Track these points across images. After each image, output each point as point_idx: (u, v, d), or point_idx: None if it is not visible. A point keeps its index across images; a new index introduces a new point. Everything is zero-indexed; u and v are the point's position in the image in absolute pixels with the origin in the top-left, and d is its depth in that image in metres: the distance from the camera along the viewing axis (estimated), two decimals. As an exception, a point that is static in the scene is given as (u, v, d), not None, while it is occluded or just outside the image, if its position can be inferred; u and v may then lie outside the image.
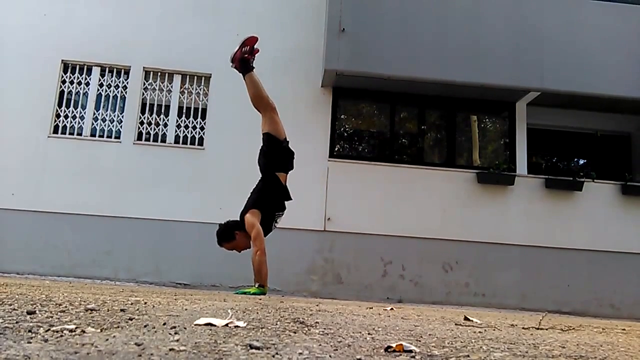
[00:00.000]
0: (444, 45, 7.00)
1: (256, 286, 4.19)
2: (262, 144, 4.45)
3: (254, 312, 2.07)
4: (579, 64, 7.09)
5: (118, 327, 1.31)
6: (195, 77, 7.38)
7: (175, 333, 1.25)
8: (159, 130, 7.22)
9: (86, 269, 6.62)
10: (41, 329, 1.18)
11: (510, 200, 7.18)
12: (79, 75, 7.26)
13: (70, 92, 7.23)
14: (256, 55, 4.49)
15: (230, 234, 4.38)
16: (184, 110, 7.29)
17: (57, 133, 7.06)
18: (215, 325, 1.44)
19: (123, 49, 7.25)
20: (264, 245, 4.21)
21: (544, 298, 6.86)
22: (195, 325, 1.44)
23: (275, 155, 4.38)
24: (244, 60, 4.41)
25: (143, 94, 7.28)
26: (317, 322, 1.79)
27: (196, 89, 7.36)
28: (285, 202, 4.46)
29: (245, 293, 4.08)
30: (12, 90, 7.02)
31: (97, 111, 7.21)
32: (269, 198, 4.33)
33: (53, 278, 6.07)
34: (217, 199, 6.82)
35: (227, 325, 1.46)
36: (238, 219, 4.38)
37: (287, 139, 4.47)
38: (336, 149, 7.42)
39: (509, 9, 7.24)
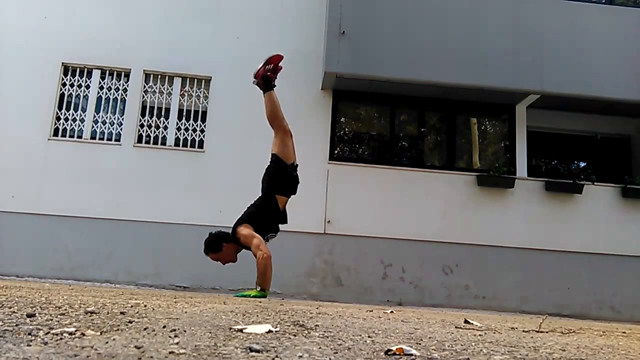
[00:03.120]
0: (444, 48, 7.02)
1: (257, 289, 4.18)
2: (269, 163, 4.45)
3: (254, 314, 2.07)
4: (578, 66, 7.10)
5: (118, 330, 1.31)
6: (196, 79, 7.39)
7: (175, 336, 1.25)
8: (159, 132, 7.23)
9: (86, 272, 6.61)
10: (41, 331, 1.18)
11: (510, 203, 7.18)
12: (79, 78, 7.27)
13: (70, 95, 7.23)
14: (279, 72, 4.51)
15: (218, 245, 4.40)
16: (184, 113, 7.29)
17: (57, 136, 7.06)
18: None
19: (123, 52, 7.26)
20: (268, 249, 4.22)
21: (544, 301, 6.86)
22: (194, 328, 1.44)
23: (279, 178, 4.38)
24: (266, 78, 4.46)
25: (143, 96, 7.29)
26: (317, 325, 1.79)
27: (196, 92, 7.37)
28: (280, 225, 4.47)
29: (245, 296, 4.07)
30: (12, 92, 7.02)
31: (97, 114, 7.22)
32: (264, 218, 4.33)
33: (53, 281, 6.06)
34: (217, 202, 6.83)
35: (230, 329, 1.46)
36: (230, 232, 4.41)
37: (296, 163, 4.47)
38: (336, 151, 7.43)
39: (508, 12, 7.26)
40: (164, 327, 1.43)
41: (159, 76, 7.35)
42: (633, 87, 7.10)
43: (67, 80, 7.24)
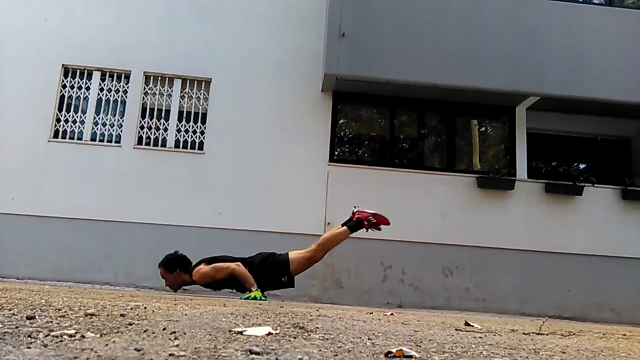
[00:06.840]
0: (444, 50, 7.02)
1: (253, 289, 4.41)
2: (279, 254, 4.81)
3: (254, 317, 2.07)
4: (578, 68, 7.10)
5: (118, 332, 1.31)
6: (196, 81, 7.39)
7: (175, 338, 1.25)
8: (159, 134, 7.23)
9: (86, 274, 6.61)
10: (41, 334, 1.18)
11: (510, 205, 7.18)
12: (79, 80, 7.27)
13: (70, 97, 7.23)
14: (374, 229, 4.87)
15: (172, 267, 4.72)
16: (184, 115, 7.29)
17: (57, 137, 7.06)
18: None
19: (123, 54, 7.27)
20: (227, 264, 4.59)
21: (545, 303, 6.85)
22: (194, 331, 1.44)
23: (270, 273, 4.71)
24: (360, 223, 4.79)
25: (143, 98, 7.29)
26: (317, 327, 1.79)
27: (196, 94, 7.37)
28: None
29: (254, 298, 4.27)
30: (12, 94, 7.02)
31: (97, 115, 7.22)
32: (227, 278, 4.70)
33: (53, 283, 6.05)
34: (217, 204, 6.84)
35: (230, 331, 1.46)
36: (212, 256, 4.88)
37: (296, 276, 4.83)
38: (336, 153, 7.43)
39: (509, 14, 7.26)
40: (164, 329, 1.43)
41: (159, 78, 7.35)
42: (633, 89, 7.10)
43: (67, 82, 7.24)
